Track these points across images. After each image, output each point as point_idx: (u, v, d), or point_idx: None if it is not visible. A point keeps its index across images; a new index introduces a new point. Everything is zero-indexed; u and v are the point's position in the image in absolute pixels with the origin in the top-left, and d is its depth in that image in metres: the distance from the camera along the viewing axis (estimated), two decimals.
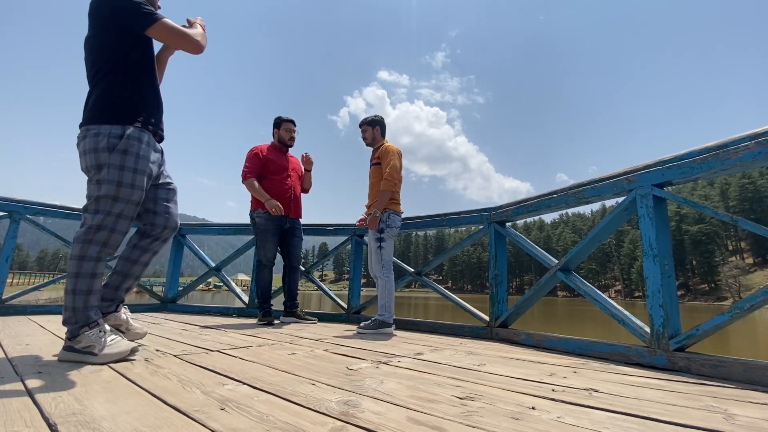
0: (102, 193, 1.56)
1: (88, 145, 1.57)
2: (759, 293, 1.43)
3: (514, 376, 1.42)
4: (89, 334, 1.50)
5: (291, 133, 3.41)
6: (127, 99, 1.62)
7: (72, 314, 1.52)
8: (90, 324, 1.52)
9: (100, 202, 1.56)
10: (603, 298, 2.03)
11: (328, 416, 0.92)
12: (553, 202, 2.37)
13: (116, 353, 1.51)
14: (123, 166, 1.57)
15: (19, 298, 3.39)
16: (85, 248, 1.54)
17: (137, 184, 1.62)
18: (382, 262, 2.80)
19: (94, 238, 1.55)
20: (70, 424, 0.84)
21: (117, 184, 1.56)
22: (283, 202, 3.22)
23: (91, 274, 1.55)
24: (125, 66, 1.63)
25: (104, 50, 1.62)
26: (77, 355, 1.49)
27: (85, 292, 1.54)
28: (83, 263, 1.54)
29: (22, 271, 52.82)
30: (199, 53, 1.74)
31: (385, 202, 2.82)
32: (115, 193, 1.56)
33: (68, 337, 1.51)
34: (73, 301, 1.52)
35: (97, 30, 1.62)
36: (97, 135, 1.56)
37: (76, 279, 1.53)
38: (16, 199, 3.41)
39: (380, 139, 3.08)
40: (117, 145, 1.56)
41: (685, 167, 1.71)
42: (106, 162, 1.55)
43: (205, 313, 3.85)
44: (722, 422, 0.93)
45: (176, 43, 1.70)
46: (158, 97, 1.77)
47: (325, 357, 1.73)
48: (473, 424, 0.89)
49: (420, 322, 3.01)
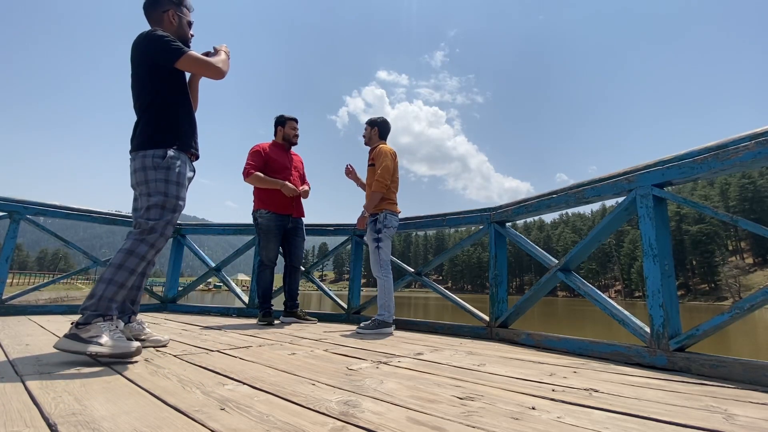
0: (152, 203, 1.73)
1: (137, 165, 1.77)
2: (759, 293, 1.43)
3: (514, 376, 1.42)
4: (101, 325, 1.52)
5: (295, 131, 3.42)
6: (166, 127, 1.83)
7: (96, 302, 1.56)
8: (106, 316, 1.56)
9: (151, 211, 1.73)
10: (603, 298, 2.03)
11: (328, 416, 0.92)
12: (553, 202, 2.37)
13: (123, 346, 1.51)
14: (167, 180, 1.77)
15: (19, 298, 3.39)
16: (136, 245, 1.67)
17: (181, 196, 1.82)
18: (380, 262, 2.81)
19: (147, 238, 1.70)
20: (70, 424, 0.84)
21: (164, 194, 1.75)
22: (286, 201, 3.22)
23: (131, 270, 1.65)
24: (162, 97, 1.83)
25: (144, 85, 1.83)
26: (79, 344, 1.46)
27: (119, 285, 1.62)
28: (129, 257, 1.65)
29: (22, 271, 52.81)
30: (221, 79, 1.94)
31: (374, 203, 2.83)
32: (163, 203, 1.74)
33: (78, 322, 1.51)
34: (104, 290, 1.58)
35: (135, 68, 1.84)
36: (144, 157, 1.77)
37: (117, 270, 1.62)
38: (16, 199, 3.41)
39: (377, 140, 3.08)
40: (161, 163, 1.77)
41: (685, 167, 1.71)
42: (153, 177, 1.75)
43: (205, 313, 3.85)
44: (722, 422, 0.93)
45: (201, 72, 1.91)
46: (193, 122, 1.98)
47: (325, 357, 1.74)
48: (473, 424, 0.89)
49: (420, 322, 3.01)
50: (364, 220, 2.84)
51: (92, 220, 3.92)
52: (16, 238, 3.42)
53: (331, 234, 3.94)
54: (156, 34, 1.78)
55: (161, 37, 1.77)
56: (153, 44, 1.78)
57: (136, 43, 1.82)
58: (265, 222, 3.15)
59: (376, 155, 2.92)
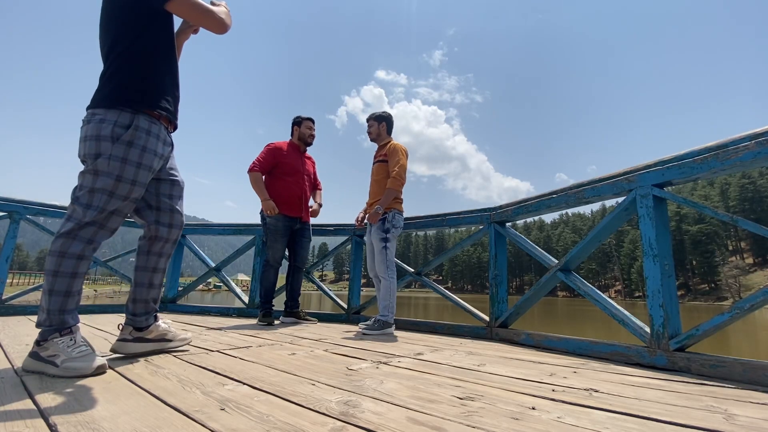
0: (98, 185, 1.41)
1: (90, 131, 1.42)
2: (759, 293, 1.43)
3: (514, 376, 1.42)
4: (58, 341, 1.34)
5: (311, 131, 3.42)
6: (140, 82, 1.47)
7: (46, 317, 1.37)
8: (63, 330, 1.36)
9: (94, 196, 1.41)
10: (603, 298, 2.03)
11: (328, 416, 0.92)
12: (553, 202, 2.37)
13: (79, 368, 1.29)
14: (126, 159, 1.43)
15: (19, 298, 3.39)
16: (67, 244, 1.39)
17: (139, 180, 1.48)
18: (386, 263, 2.79)
19: (80, 233, 1.40)
20: (70, 424, 0.84)
21: (116, 178, 1.42)
22: (294, 204, 3.23)
23: (71, 274, 1.40)
24: (143, 45, 1.48)
25: (118, 27, 1.47)
26: (40, 364, 1.32)
27: (63, 294, 1.39)
28: (63, 260, 1.38)
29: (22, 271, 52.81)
30: (224, 33, 1.60)
31: (390, 200, 2.81)
32: (113, 188, 1.42)
33: (37, 340, 1.36)
34: (49, 303, 1.37)
35: (111, 3, 1.48)
36: (102, 121, 1.42)
37: (54, 278, 1.37)
38: (16, 199, 3.42)
39: (386, 136, 3.06)
40: (122, 135, 1.42)
41: (685, 167, 1.71)
42: (108, 152, 1.41)
43: (205, 314, 3.85)
44: (722, 422, 0.93)
45: (199, 20, 1.55)
46: (176, 83, 1.61)
47: (325, 357, 1.73)
48: (473, 424, 0.89)
49: (420, 322, 3.01)
50: (378, 216, 2.79)
51: None
52: (16, 238, 3.43)
53: (331, 234, 3.94)
54: None
55: None
56: None
57: None
58: (273, 222, 3.15)
59: (391, 152, 2.90)
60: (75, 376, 1.28)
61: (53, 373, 1.29)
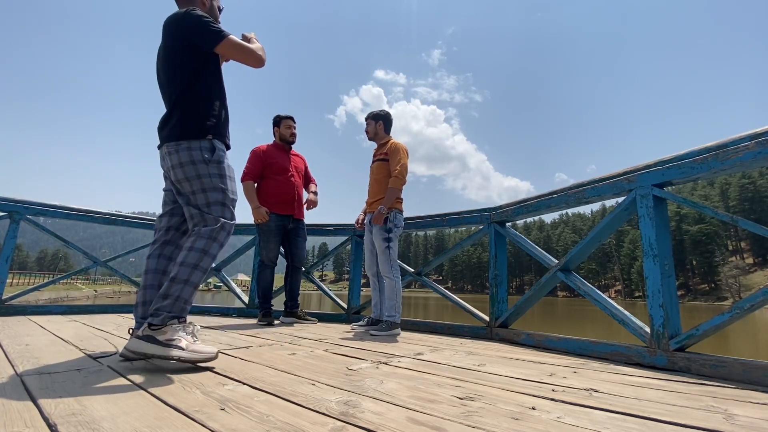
0: (212, 200, 1.64)
1: (183, 158, 1.62)
2: (759, 293, 1.43)
3: (514, 376, 1.42)
4: (177, 327, 1.47)
5: (291, 130, 3.40)
6: (209, 116, 1.69)
7: (173, 303, 1.49)
8: (180, 318, 1.50)
9: (213, 208, 1.64)
10: (603, 298, 2.03)
11: (328, 416, 0.92)
12: (553, 202, 2.38)
13: (206, 351, 1.44)
14: (222, 175, 1.67)
15: (19, 298, 3.40)
16: (209, 244, 1.58)
17: (235, 190, 1.75)
18: (390, 262, 2.79)
19: (218, 237, 1.61)
20: (70, 425, 0.84)
21: (222, 191, 1.66)
22: (286, 203, 3.22)
23: (205, 270, 1.58)
24: (202, 83, 1.69)
25: (179, 69, 1.67)
26: (157, 347, 1.39)
27: (195, 286, 1.56)
28: (204, 257, 1.57)
29: (22, 271, 52.80)
30: (261, 67, 1.79)
31: (392, 199, 2.79)
32: (223, 199, 1.66)
33: (152, 323, 1.44)
34: (182, 291, 1.51)
35: (168, 50, 1.69)
36: (190, 149, 1.63)
37: (194, 270, 1.54)
38: (16, 199, 3.41)
39: (383, 134, 3.04)
40: (212, 158, 1.66)
41: (685, 167, 1.71)
42: (207, 172, 1.63)
43: (205, 313, 3.85)
44: (722, 422, 0.93)
45: (240, 59, 1.74)
46: (227, 111, 1.84)
47: (325, 357, 1.74)
48: (473, 424, 0.89)
49: (420, 322, 3.01)
50: (382, 216, 2.77)
51: (92, 220, 3.92)
52: (16, 238, 3.43)
53: (331, 234, 3.94)
54: (195, 14, 1.63)
55: (201, 17, 1.63)
56: (192, 24, 1.62)
57: (170, 22, 1.67)
58: (265, 222, 3.15)
59: (392, 151, 2.88)
60: (203, 360, 1.43)
61: (178, 355, 1.40)
